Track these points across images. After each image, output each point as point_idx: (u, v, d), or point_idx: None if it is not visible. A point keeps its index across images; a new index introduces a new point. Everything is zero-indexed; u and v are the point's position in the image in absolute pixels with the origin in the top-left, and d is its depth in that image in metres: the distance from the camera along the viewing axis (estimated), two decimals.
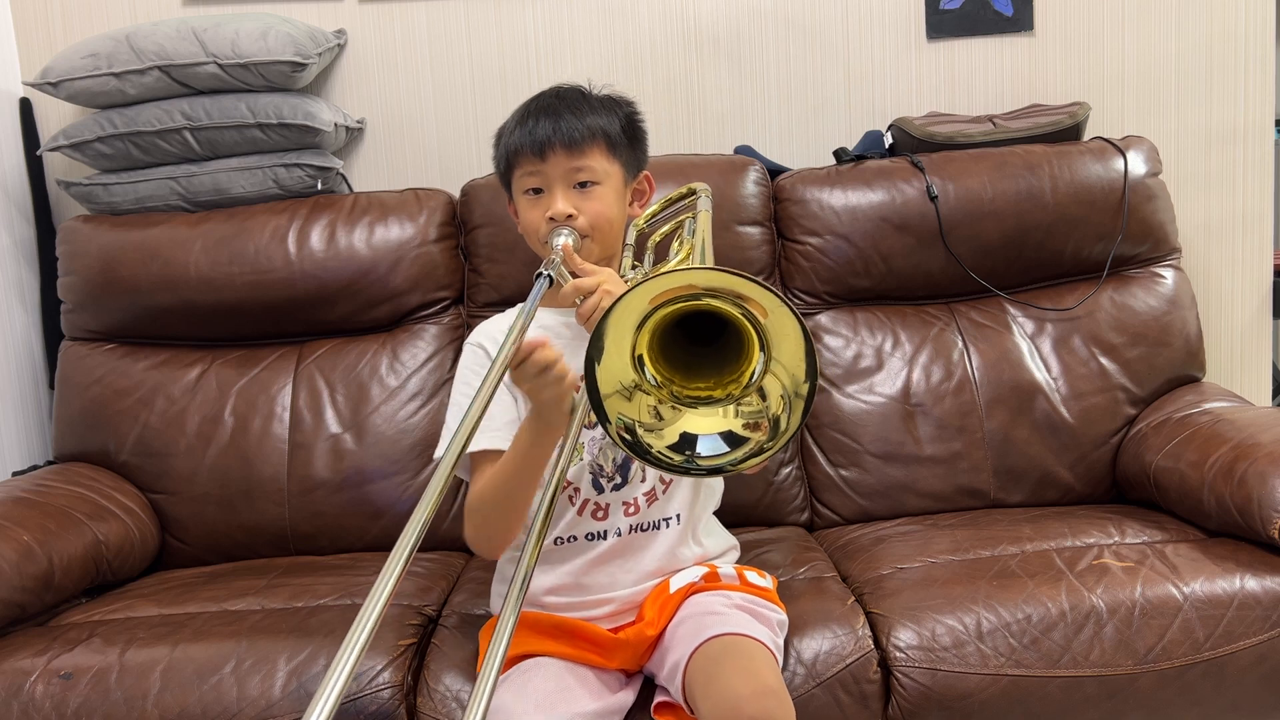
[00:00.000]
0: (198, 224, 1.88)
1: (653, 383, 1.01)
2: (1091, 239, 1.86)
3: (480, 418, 0.90)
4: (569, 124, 1.35)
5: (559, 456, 1.10)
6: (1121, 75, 2.11)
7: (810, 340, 0.96)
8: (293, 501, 1.78)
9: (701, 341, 1.05)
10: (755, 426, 1.01)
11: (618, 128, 1.39)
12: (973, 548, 1.52)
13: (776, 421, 1.00)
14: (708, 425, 1.02)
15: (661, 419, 1.02)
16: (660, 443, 1.01)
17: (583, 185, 1.35)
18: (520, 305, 1.39)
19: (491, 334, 1.43)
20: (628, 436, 1.01)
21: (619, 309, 0.96)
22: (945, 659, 1.31)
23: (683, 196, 1.69)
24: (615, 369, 0.99)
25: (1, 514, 1.55)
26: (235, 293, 1.85)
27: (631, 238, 1.55)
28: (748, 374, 1.00)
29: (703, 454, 1.01)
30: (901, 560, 1.52)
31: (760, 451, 1.01)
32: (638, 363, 1.00)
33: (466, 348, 1.43)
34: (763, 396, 1.00)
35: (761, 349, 0.98)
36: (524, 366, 1.08)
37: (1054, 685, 1.30)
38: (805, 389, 0.98)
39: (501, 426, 1.30)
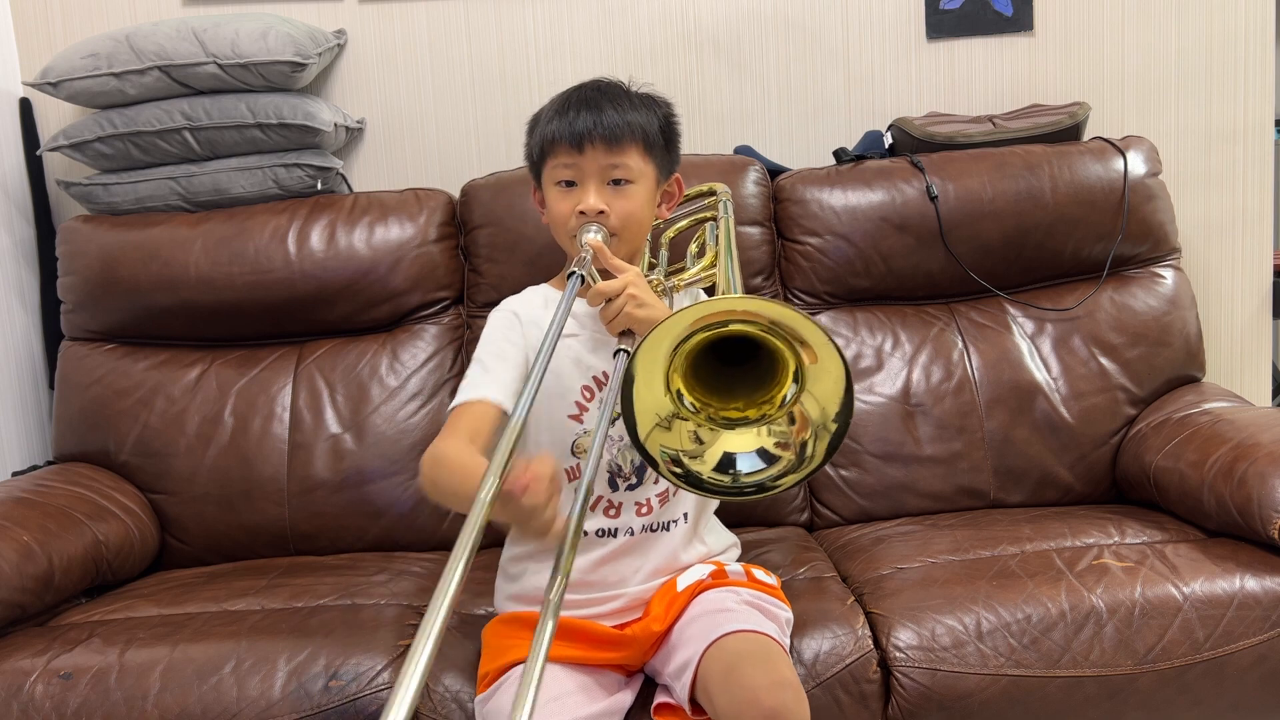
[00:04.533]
0: (198, 224, 1.88)
1: (691, 409, 1.01)
2: (1091, 239, 1.86)
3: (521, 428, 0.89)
4: (610, 118, 1.32)
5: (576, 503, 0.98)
6: (1121, 75, 2.11)
7: (851, 384, 0.97)
8: (293, 501, 1.78)
9: (731, 360, 1.05)
10: (785, 446, 1.03)
11: (656, 127, 1.37)
12: (973, 548, 1.53)
13: (803, 446, 1.02)
14: (744, 443, 1.03)
15: (702, 442, 1.03)
16: (706, 468, 1.03)
17: (616, 183, 1.33)
18: (557, 295, 1.38)
19: (516, 309, 1.39)
20: (678, 470, 1.02)
21: (648, 343, 0.97)
22: (945, 659, 1.31)
23: (701, 195, 1.68)
24: (650, 403, 1.00)
25: (1, 514, 1.55)
26: (235, 293, 1.85)
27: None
28: (780, 396, 1.01)
29: (744, 471, 1.02)
30: (901, 560, 1.52)
31: (790, 471, 1.02)
32: (676, 396, 1.00)
33: (496, 313, 1.39)
34: (791, 420, 1.02)
35: (796, 373, 0.99)
36: (509, 504, 0.92)
37: (1054, 685, 1.30)
38: (834, 426, 1.00)
39: (508, 383, 1.28)
